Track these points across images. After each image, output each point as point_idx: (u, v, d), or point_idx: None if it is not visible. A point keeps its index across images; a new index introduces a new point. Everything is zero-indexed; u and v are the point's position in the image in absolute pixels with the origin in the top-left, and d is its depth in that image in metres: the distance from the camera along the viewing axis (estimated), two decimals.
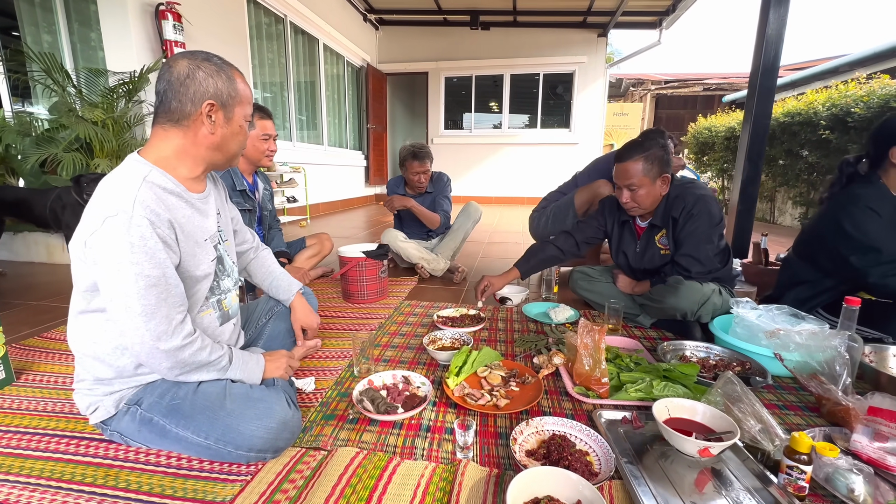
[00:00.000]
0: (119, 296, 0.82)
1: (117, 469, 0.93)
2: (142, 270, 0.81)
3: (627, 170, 1.61)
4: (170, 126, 0.89)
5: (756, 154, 2.65)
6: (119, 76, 2.93)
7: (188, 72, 0.87)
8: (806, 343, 1.23)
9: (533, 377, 1.29)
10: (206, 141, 0.91)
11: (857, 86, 4.33)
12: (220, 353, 0.96)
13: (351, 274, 2.06)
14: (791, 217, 5.40)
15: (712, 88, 10.06)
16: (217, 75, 0.89)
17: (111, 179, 0.86)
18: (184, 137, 0.90)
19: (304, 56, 5.68)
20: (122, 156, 2.94)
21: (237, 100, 0.93)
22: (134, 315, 0.82)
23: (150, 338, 0.84)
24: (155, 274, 0.83)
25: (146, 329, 0.83)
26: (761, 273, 2.30)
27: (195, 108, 0.88)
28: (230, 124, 0.93)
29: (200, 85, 0.87)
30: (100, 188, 0.86)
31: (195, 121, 0.89)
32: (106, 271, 0.81)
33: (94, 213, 0.83)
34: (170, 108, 0.88)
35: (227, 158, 0.98)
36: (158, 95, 0.89)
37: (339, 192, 6.51)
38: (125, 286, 0.81)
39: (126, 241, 0.80)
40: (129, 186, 0.83)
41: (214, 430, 0.91)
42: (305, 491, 0.86)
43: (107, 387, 0.95)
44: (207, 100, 0.88)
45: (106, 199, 0.83)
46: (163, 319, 0.85)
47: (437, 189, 2.69)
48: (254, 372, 1.04)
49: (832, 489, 0.86)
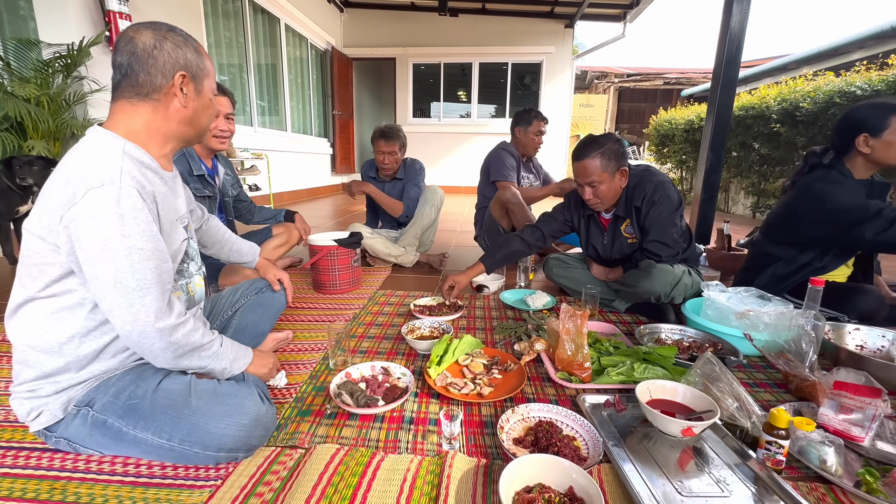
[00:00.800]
0: (108, 272, 0.75)
1: (65, 481, 0.83)
2: (135, 244, 0.76)
3: (586, 167, 1.62)
4: (137, 100, 0.83)
5: (719, 143, 2.75)
6: (55, 48, 2.64)
7: (155, 42, 0.81)
8: (774, 323, 1.28)
9: (515, 364, 1.27)
10: (179, 115, 0.87)
11: (805, 82, 4.60)
12: (211, 337, 0.91)
13: (322, 263, 1.97)
14: (744, 206, 5.71)
15: (672, 83, 10.44)
16: (185, 46, 0.85)
17: (84, 151, 0.79)
18: (154, 112, 0.84)
19: (265, 36, 5.38)
20: (60, 137, 2.67)
21: (205, 72, 0.89)
22: (128, 291, 0.76)
23: (145, 315, 0.78)
24: (148, 247, 0.78)
25: (142, 305, 0.77)
26: (724, 258, 2.40)
27: (166, 80, 0.83)
28: (201, 97, 0.89)
29: (170, 56, 0.82)
30: (71, 162, 0.78)
31: (167, 94, 0.84)
32: (90, 248, 0.74)
33: (72, 186, 0.74)
34: (137, 81, 0.82)
35: (197, 133, 0.93)
36: (121, 68, 0.82)
37: (305, 181, 6.27)
38: (116, 262, 0.75)
39: (115, 213, 0.74)
40: (112, 157, 0.77)
41: (178, 430, 0.83)
42: (283, 493, 0.80)
43: (54, 385, 0.83)
44: (179, 70, 0.84)
45: (85, 170, 0.75)
46: (158, 296, 0.79)
47: (409, 177, 2.60)
48: (242, 361, 0.99)
49: (806, 461, 0.89)
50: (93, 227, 0.73)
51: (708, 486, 0.83)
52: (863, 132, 1.46)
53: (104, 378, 0.87)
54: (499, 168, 2.61)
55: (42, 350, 0.82)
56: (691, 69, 10.48)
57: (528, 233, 1.91)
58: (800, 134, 4.33)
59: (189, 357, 0.87)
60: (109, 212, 0.73)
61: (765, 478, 0.84)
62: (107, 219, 0.73)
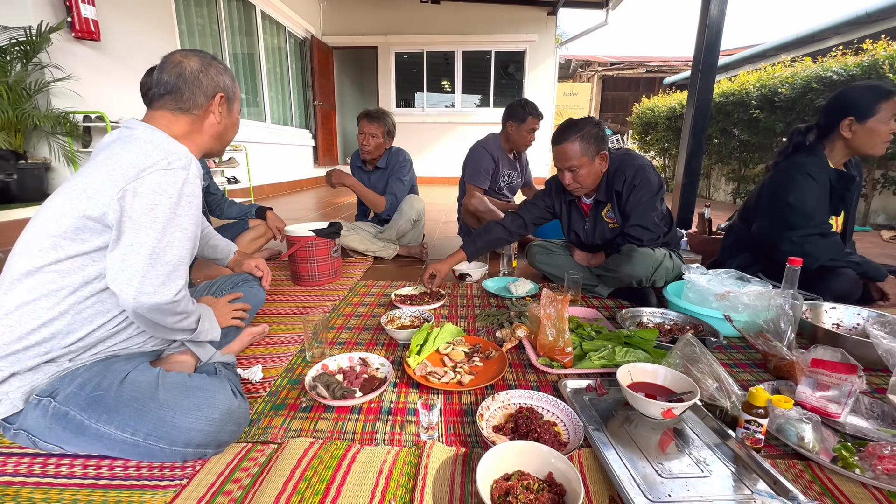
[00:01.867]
0: (149, 241, 0.82)
1: (17, 486, 0.78)
2: (182, 223, 0.86)
3: (565, 152, 1.59)
4: (179, 113, 0.95)
5: (700, 129, 2.76)
6: (12, 33, 2.50)
7: (201, 68, 0.96)
8: (753, 303, 1.28)
9: (496, 351, 1.25)
10: (212, 130, 1.01)
11: (784, 68, 4.65)
12: (193, 306, 0.98)
13: (300, 254, 1.92)
14: (724, 192, 5.79)
15: (654, 71, 10.48)
16: (225, 73, 1.01)
17: (155, 136, 0.88)
18: (192, 125, 0.97)
19: (240, 24, 5.21)
20: (21, 129, 2.55)
21: (236, 95, 1.05)
22: (161, 263, 0.83)
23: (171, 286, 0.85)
24: (192, 230, 0.89)
25: (169, 278, 0.85)
26: (705, 242, 2.42)
27: (207, 100, 0.97)
28: (231, 116, 1.04)
29: (212, 80, 0.98)
30: (144, 143, 0.86)
31: (206, 111, 0.98)
32: (142, 215, 0.81)
33: (149, 159, 0.83)
34: (182, 98, 0.95)
35: (222, 146, 1.07)
36: (166, 85, 0.94)
37: (286, 173, 6.14)
38: (163, 234, 0.83)
39: (177, 192, 0.85)
40: (183, 147, 0.90)
41: (144, 424, 0.79)
42: (252, 490, 0.77)
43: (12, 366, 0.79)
44: (219, 92, 0.99)
45: (160, 151, 0.85)
46: (183, 273, 0.88)
47: (393, 169, 2.45)
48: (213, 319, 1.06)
49: (784, 438, 0.89)
50: (151, 200, 0.81)
51: (688, 467, 0.82)
52: (849, 115, 1.46)
53: (71, 368, 0.83)
54: (473, 172, 2.54)
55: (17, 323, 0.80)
56: (673, 57, 10.54)
57: (509, 220, 1.89)
58: (778, 119, 4.38)
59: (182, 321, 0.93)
60: (173, 189, 0.84)
61: (744, 457, 0.84)
62: (168, 195, 0.83)
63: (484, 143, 2.56)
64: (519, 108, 2.45)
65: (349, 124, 8.91)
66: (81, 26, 2.79)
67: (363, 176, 2.53)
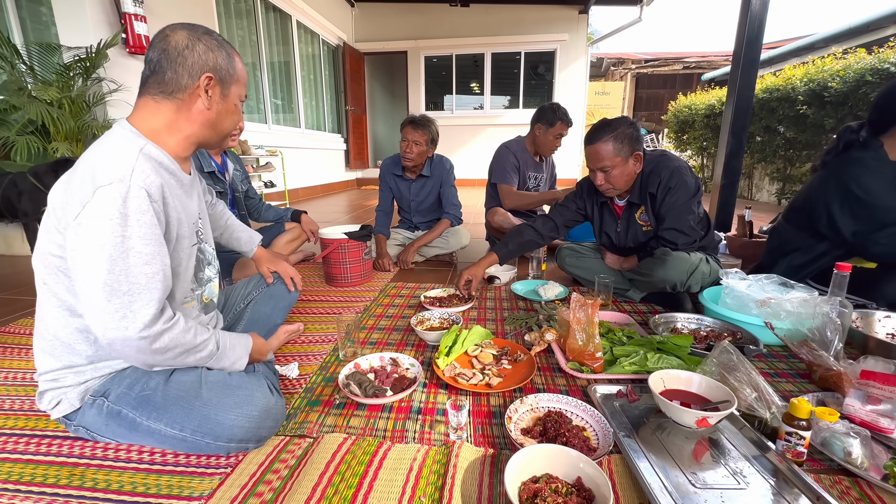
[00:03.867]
0: (100, 274, 0.72)
1: (83, 467, 0.86)
2: (132, 246, 0.74)
3: (598, 152, 1.56)
4: (162, 98, 0.83)
5: (740, 127, 2.65)
6: (74, 52, 2.72)
7: (187, 42, 0.82)
8: (797, 311, 1.23)
9: (525, 354, 1.25)
10: (201, 117, 0.86)
11: (834, 61, 4.38)
12: (205, 336, 0.88)
13: (333, 256, 1.99)
14: (768, 193, 5.51)
15: (691, 67, 10.10)
16: (218, 50, 0.85)
17: (102, 148, 0.79)
18: (177, 112, 0.84)
19: (277, 34, 5.42)
20: (81, 139, 2.75)
21: (234, 78, 0.89)
22: (118, 295, 0.73)
23: (131, 321, 0.74)
24: (147, 251, 0.76)
25: (129, 310, 0.74)
26: (746, 245, 2.32)
27: (192, 81, 0.83)
28: (226, 101, 0.89)
29: (200, 57, 0.83)
30: (89, 158, 0.78)
31: (191, 94, 0.84)
32: (89, 245, 0.72)
33: (87, 185, 0.74)
34: (164, 79, 0.82)
35: (219, 137, 0.93)
36: (150, 64, 0.83)
37: (319, 177, 6.33)
38: (111, 263, 0.72)
39: (118, 213, 0.73)
40: (126, 156, 0.77)
41: (190, 421, 0.85)
42: (290, 481, 0.81)
43: (77, 376, 0.86)
44: (206, 72, 0.84)
45: (98, 168, 0.75)
46: (147, 302, 0.76)
47: (440, 176, 2.40)
48: (241, 355, 0.98)
49: (829, 453, 0.85)
50: (95, 226, 0.72)
51: (724, 478, 0.80)
52: None
53: (121, 370, 0.90)
54: (500, 172, 2.53)
55: (65, 342, 0.85)
56: (712, 52, 10.12)
57: (540, 223, 1.88)
58: (828, 115, 4.13)
59: (179, 357, 0.84)
60: (113, 210, 0.72)
61: (784, 470, 0.80)
62: (109, 218, 0.72)
63: (507, 144, 2.59)
64: (549, 112, 2.44)
65: (380, 128, 9.07)
66: (135, 42, 3.00)
67: (403, 185, 2.45)
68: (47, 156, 2.54)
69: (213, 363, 0.92)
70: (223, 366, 0.94)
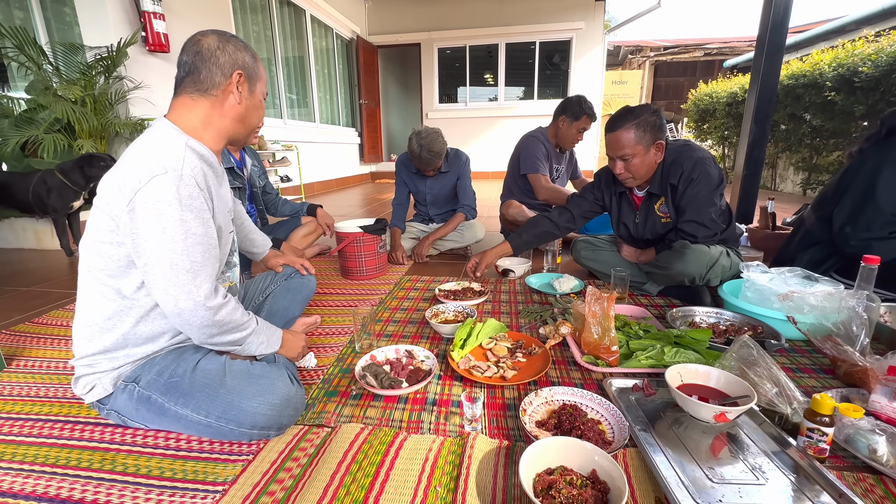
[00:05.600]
0: (166, 253, 0.81)
1: (114, 452, 0.89)
2: (189, 228, 0.82)
3: (619, 139, 1.53)
4: (198, 95, 0.91)
5: (763, 115, 2.56)
6: (96, 51, 2.79)
7: (218, 44, 0.90)
8: (821, 305, 1.19)
9: (540, 347, 1.25)
10: (233, 111, 0.94)
11: (866, 44, 4.19)
12: (248, 317, 0.96)
13: (349, 250, 2.01)
14: (793, 183, 5.34)
15: (713, 53, 9.79)
16: (245, 50, 0.94)
17: (149, 141, 0.86)
18: (211, 108, 0.92)
19: (291, 29, 5.45)
20: (105, 136, 2.83)
21: (259, 76, 0.98)
22: (181, 272, 0.82)
23: (196, 294, 0.83)
24: (201, 231, 0.84)
25: (194, 285, 0.83)
26: (768, 238, 2.26)
27: (225, 78, 0.91)
28: (253, 97, 0.97)
29: (230, 56, 0.91)
30: (136, 150, 0.85)
31: (224, 90, 0.91)
32: (151, 230, 0.80)
33: (139, 173, 0.81)
34: (199, 78, 0.90)
35: (247, 131, 1.01)
36: (185, 66, 0.91)
37: (334, 171, 6.38)
38: (174, 244, 0.81)
39: (175, 198, 0.80)
40: (175, 148, 0.85)
41: (215, 407, 0.88)
42: (310, 469, 0.83)
43: (111, 361, 0.91)
44: (237, 70, 0.92)
45: (150, 158, 0.82)
46: (207, 276, 0.86)
47: (457, 170, 2.40)
48: (274, 339, 1.03)
49: (853, 450, 0.83)
50: (154, 211, 0.79)
51: (742, 474, 0.79)
52: None
53: (151, 357, 0.94)
54: (530, 161, 2.49)
55: (102, 327, 0.89)
56: (735, 38, 9.78)
57: (556, 214, 1.86)
58: (858, 102, 3.96)
59: (229, 333, 0.92)
60: (170, 196, 0.80)
61: (805, 466, 0.79)
62: (167, 203, 0.80)
63: (534, 134, 2.55)
64: (575, 105, 2.40)
65: (393, 121, 9.07)
66: (154, 40, 3.06)
67: (419, 180, 2.45)
68: (73, 153, 2.62)
69: (252, 339, 0.97)
70: (260, 342, 0.99)
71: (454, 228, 2.41)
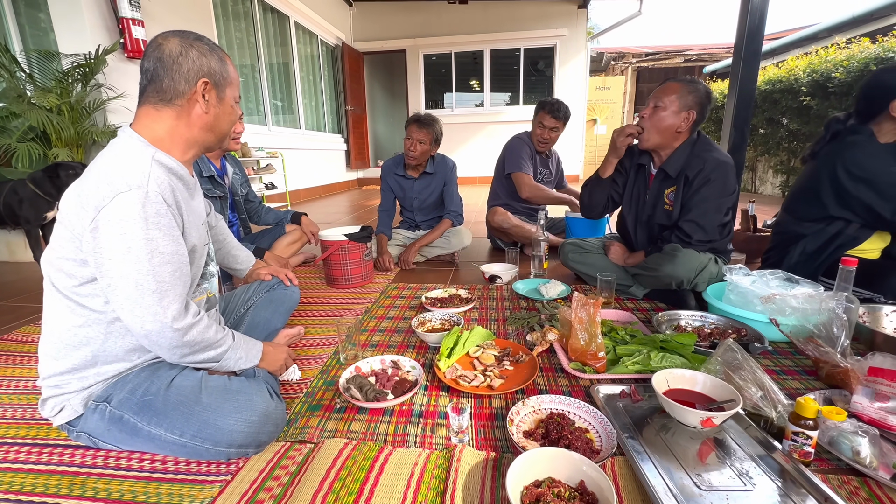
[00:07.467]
0: (131, 274, 0.77)
1: (84, 476, 0.85)
2: (156, 247, 0.79)
3: (667, 87, 1.58)
4: (161, 105, 0.85)
5: (742, 120, 2.61)
6: (73, 59, 2.72)
7: (181, 49, 0.84)
8: (802, 306, 1.21)
9: (527, 355, 1.24)
10: (200, 121, 0.89)
11: (838, 51, 4.33)
12: (223, 334, 0.93)
13: (334, 258, 1.98)
14: (772, 186, 5.46)
15: (693, 60, 10.01)
16: (210, 55, 0.88)
17: (113, 156, 0.81)
18: (177, 118, 0.87)
19: (276, 35, 5.42)
20: (81, 144, 2.76)
21: (228, 80, 0.91)
22: (147, 293, 0.78)
23: (163, 316, 0.80)
24: (169, 251, 0.81)
25: (160, 306, 0.79)
26: (749, 240, 2.30)
27: (189, 87, 0.85)
28: (222, 104, 0.91)
29: (194, 63, 0.85)
30: (100, 165, 0.80)
31: (189, 99, 0.86)
32: (115, 250, 0.76)
33: (102, 190, 0.76)
34: (162, 87, 0.84)
35: (218, 139, 0.96)
36: (147, 73, 0.85)
37: (320, 178, 6.33)
38: (139, 264, 0.77)
39: (140, 217, 0.76)
40: (141, 163, 0.80)
41: (190, 426, 0.84)
42: (291, 488, 0.80)
43: (80, 381, 0.86)
44: (202, 78, 0.86)
45: (115, 175, 0.78)
46: (176, 296, 0.82)
47: (443, 174, 2.39)
48: (253, 353, 1.00)
49: (837, 452, 0.84)
50: (118, 230, 0.75)
51: (729, 479, 0.79)
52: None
53: (124, 374, 0.89)
54: (514, 160, 2.51)
55: (70, 344, 0.85)
56: (713, 44, 10.02)
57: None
58: (832, 106, 4.09)
59: (203, 352, 0.88)
60: (135, 215, 0.76)
61: (791, 470, 0.79)
62: (132, 222, 0.76)
63: (519, 136, 2.59)
64: (539, 103, 2.47)
65: (380, 128, 9.05)
66: (133, 46, 2.99)
67: (406, 183, 2.44)
68: (48, 162, 2.54)
69: (229, 355, 0.94)
70: (238, 357, 0.96)
71: (441, 235, 2.39)
